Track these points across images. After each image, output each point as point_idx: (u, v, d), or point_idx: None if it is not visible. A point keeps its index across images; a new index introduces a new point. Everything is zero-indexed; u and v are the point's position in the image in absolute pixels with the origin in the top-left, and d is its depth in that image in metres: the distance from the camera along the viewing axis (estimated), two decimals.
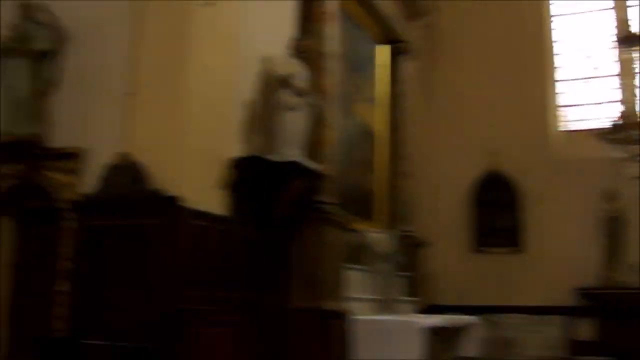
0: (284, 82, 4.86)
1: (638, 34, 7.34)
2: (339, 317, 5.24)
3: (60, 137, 4.53)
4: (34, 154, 4.49)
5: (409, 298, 7.28)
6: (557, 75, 9.25)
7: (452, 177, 8.87)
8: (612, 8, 9.17)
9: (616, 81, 8.86)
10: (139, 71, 4.42)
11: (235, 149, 4.75)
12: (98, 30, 4.62)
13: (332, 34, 5.79)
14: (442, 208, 8.81)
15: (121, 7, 4.57)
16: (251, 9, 4.96)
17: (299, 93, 4.89)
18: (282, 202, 4.90)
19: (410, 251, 7.55)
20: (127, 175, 4.20)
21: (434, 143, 8.89)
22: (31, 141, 4.48)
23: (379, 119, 7.69)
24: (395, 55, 8.06)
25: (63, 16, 4.66)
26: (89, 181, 4.36)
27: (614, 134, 7.07)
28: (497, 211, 8.80)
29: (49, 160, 4.47)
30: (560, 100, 9.19)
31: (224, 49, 4.65)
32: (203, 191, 4.38)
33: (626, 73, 8.21)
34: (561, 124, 9.11)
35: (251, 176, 4.69)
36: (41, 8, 4.64)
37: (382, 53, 7.90)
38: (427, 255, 8.03)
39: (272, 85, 4.90)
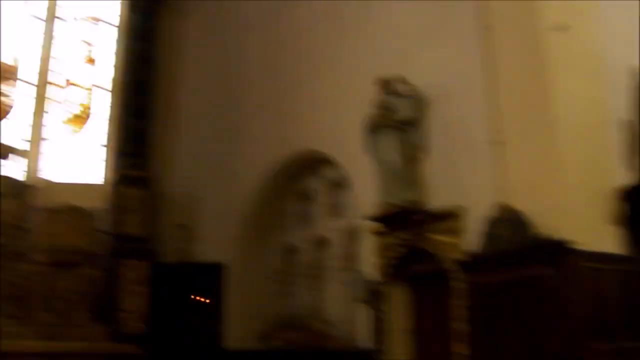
0: None
1: None
2: None
3: (436, 198, 4.65)
4: (416, 220, 4.66)
5: None
6: None
7: None
8: None
9: None
10: (501, 117, 4.30)
11: (621, 177, 4.25)
12: (454, 89, 4.69)
13: None
14: None
15: (472, 60, 4.58)
16: (606, 22, 4.47)
17: None
18: None
19: None
20: (509, 226, 4.05)
21: None
22: (411, 208, 4.66)
23: None
24: None
25: (420, 83, 4.85)
26: (470, 238, 4.34)
27: None
28: None
29: (430, 223, 4.59)
30: None
31: (585, 71, 4.24)
32: (590, 229, 3.95)
33: None
34: None
35: None
36: (400, 80, 4.89)
37: None
38: None
39: None
